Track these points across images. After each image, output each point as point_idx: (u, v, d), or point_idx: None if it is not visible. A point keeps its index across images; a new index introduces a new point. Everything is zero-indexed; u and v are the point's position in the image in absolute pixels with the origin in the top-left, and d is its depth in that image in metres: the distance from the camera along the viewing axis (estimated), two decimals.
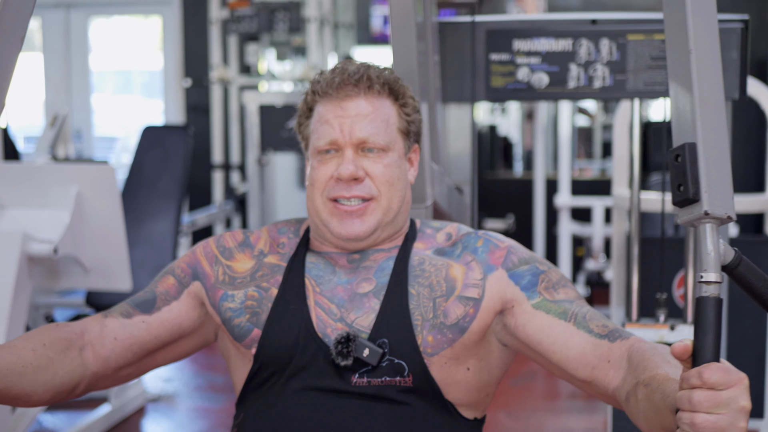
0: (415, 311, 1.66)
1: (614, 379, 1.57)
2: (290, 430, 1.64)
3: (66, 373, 1.65)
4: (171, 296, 1.77)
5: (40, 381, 1.61)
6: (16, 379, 1.57)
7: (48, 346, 1.64)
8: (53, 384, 1.63)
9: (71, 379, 1.67)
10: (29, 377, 1.59)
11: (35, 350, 1.61)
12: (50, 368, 1.63)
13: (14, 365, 1.57)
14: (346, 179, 1.67)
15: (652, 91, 2.54)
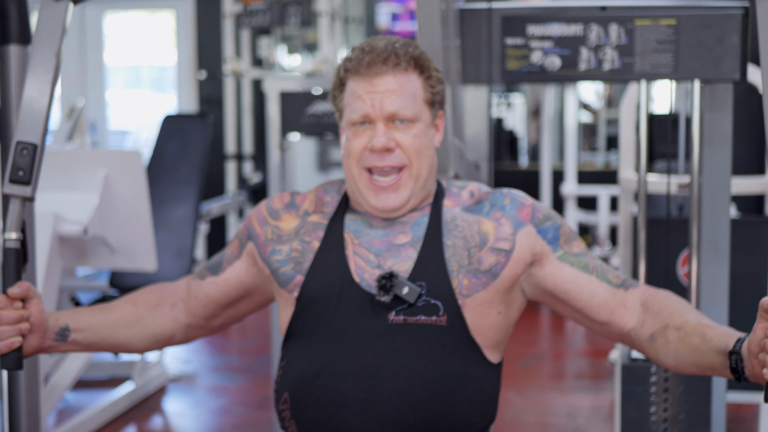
0: (451, 259, 1.84)
1: (629, 322, 1.86)
2: (330, 368, 1.81)
3: (157, 326, 1.99)
4: (234, 257, 2.01)
5: (131, 333, 1.96)
6: (108, 332, 1.95)
7: (138, 304, 1.99)
8: (145, 334, 1.98)
9: (164, 331, 2.00)
10: (121, 330, 1.96)
11: (125, 308, 1.97)
12: (140, 322, 1.97)
13: (106, 320, 1.95)
14: (379, 150, 1.84)
15: (658, 73, 2.70)
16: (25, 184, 1.83)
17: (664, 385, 2.75)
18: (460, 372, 1.82)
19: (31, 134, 1.85)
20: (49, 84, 1.89)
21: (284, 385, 1.88)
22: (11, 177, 1.84)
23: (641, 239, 2.88)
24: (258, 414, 4.63)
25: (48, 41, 1.90)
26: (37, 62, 1.90)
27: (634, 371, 2.78)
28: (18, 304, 1.80)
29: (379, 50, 1.85)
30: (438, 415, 1.80)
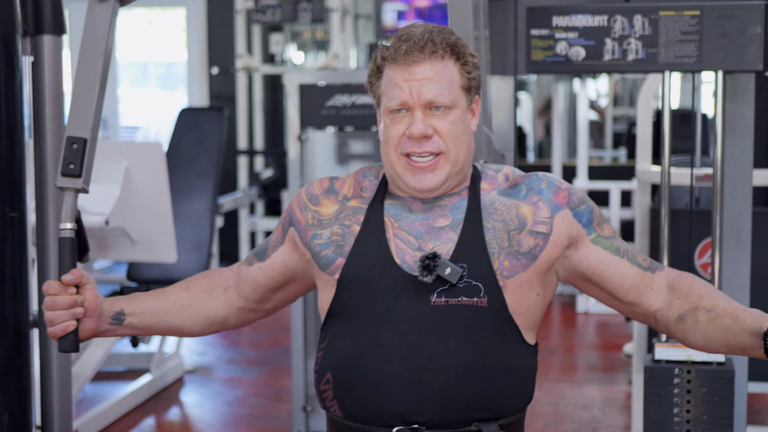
0: (492, 241, 1.87)
1: (656, 303, 1.93)
2: (374, 349, 1.84)
3: (209, 309, 2.04)
4: (278, 242, 2.04)
5: (185, 316, 2.02)
6: (162, 316, 2.00)
7: (192, 288, 2.04)
8: (199, 318, 2.03)
9: (217, 314, 2.05)
10: (174, 314, 2.01)
11: (179, 293, 2.03)
12: (193, 306, 2.02)
13: (160, 304, 2.01)
14: (417, 137, 1.87)
15: (682, 63, 2.75)
16: (76, 176, 1.95)
17: (687, 386, 2.79)
18: (500, 352, 1.85)
19: (80, 129, 1.97)
20: (97, 81, 1.99)
21: (326, 365, 1.91)
22: (63, 170, 1.95)
23: (664, 230, 2.91)
24: (275, 405, 4.67)
25: (96, 40, 2.01)
26: (86, 60, 2.01)
27: (658, 373, 2.82)
28: (72, 290, 1.89)
29: (415, 38, 1.87)
30: (479, 395, 1.83)
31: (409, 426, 1.82)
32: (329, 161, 4.17)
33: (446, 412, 1.82)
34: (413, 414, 1.82)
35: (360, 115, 4.05)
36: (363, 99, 4.04)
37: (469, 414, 1.83)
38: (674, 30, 2.74)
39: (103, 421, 4.36)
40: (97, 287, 1.96)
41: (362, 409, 1.85)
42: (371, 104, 4.02)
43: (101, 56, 2.01)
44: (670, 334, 1.94)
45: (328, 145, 4.17)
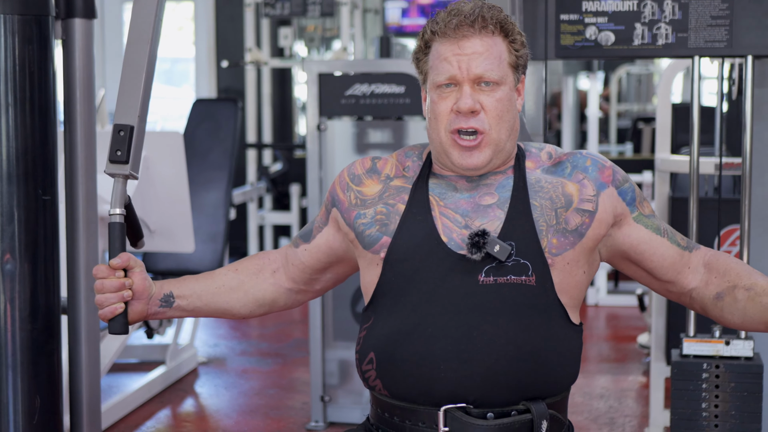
0: (540, 219, 1.87)
1: (692, 281, 1.95)
2: (422, 327, 1.84)
3: (258, 291, 2.06)
4: (323, 223, 2.05)
5: (234, 298, 2.05)
6: (210, 297, 2.03)
7: (240, 270, 2.07)
8: (247, 299, 2.06)
9: (265, 296, 2.07)
10: (223, 296, 2.04)
11: (227, 275, 2.06)
12: (241, 288, 2.05)
13: (209, 286, 2.04)
14: (465, 112, 1.87)
15: (712, 48, 2.74)
16: (123, 163, 1.97)
17: (715, 381, 2.79)
18: (548, 332, 1.85)
19: (127, 117, 2.00)
20: (144, 69, 2.02)
21: (369, 345, 1.91)
22: (111, 157, 1.98)
23: (692, 218, 2.91)
24: (291, 396, 4.67)
25: (143, 28, 2.04)
26: (133, 48, 2.04)
27: (686, 368, 2.82)
28: (120, 273, 1.92)
29: (466, 13, 1.87)
30: (528, 374, 1.83)
31: (457, 405, 1.83)
32: (347, 151, 4.17)
33: (494, 391, 1.82)
34: (461, 393, 1.82)
35: (379, 104, 4.05)
36: (382, 88, 4.04)
37: (517, 393, 1.84)
38: (704, 14, 2.74)
39: (120, 412, 4.35)
40: None
41: (409, 389, 1.85)
42: (390, 93, 4.03)
43: (148, 44, 2.03)
44: (705, 313, 1.95)
45: (347, 134, 4.17)
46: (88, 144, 2.67)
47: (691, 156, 2.85)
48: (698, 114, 2.86)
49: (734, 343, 2.83)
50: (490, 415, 1.82)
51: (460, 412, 1.82)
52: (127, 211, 2.01)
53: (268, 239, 7.82)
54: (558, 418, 1.88)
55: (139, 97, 2.01)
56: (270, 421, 4.33)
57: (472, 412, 1.82)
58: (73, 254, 2.69)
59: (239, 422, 4.34)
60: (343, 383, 4.24)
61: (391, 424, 1.89)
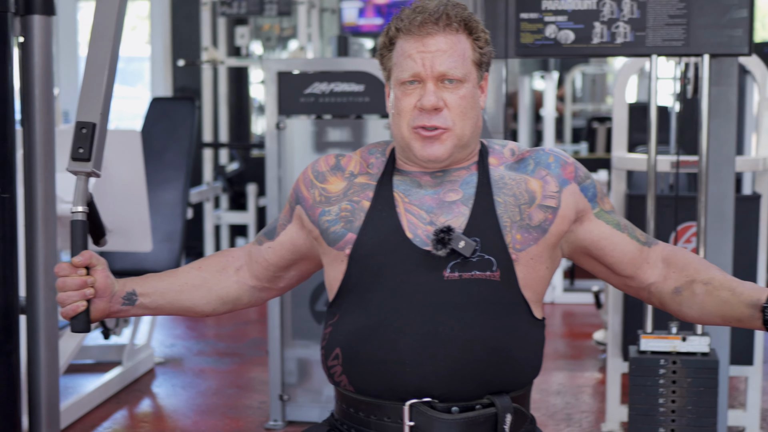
0: (503, 215, 1.88)
1: (651, 276, 1.97)
2: (387, 323, 1.84)
3: (221, 289, 2.06)
4: (287, 221, 2.05)
5: (197, 296, 2.04)
6: (174, 295, 2.03)
7: (204, 268, 2.07)
8: (211, 297, 2.05)
9: (229, 293, 2.07)
10: (186, 293, 2.03)
11: (190, 273, 2.06)
12: (205, 285, 2.05)
13: (172, 284, 2.03)
14: (428, 109, 1.88)
15: (670, 46, 2.78)
16: (86, 160, 1.97)
17: (672, 377, 2.83)
18: (512, 326, 1.87)
19: (90, 114, 2.00)
20: (106, 67, 2.03)
21: (335, 341, 1.91)
22: (73, 155, 1.98)
23: (650, 214, 2.94)
24: (249, 395, 4.65)
25: (105, 26, 2.04)
26: (96, 46, 2.04)
27: (644, 364, 2.85)
28: (82, 271, 1.92)
29: (430, 10, 1.88)
30: (492, 368, 1.84)
31: (423, 399, 1.83)
32: (307, 149, 4.17)
33: (459, 385, 1.84)
34: (427, 387, 1.83)
35: (338, 102, 4.05)
36: (341, 87, 4.04)
37: (481, 387, 1.85)
38: (662, 13, 2.77)
39: (76, 413, 4.31)
40: None
41: (375, 384, 1.86)
42: (350, 92, 4.03)
43: (110, 42, 2.03)
44: (663, 307, 1.98)
45: (306, 133, 4.17)
46: (47, 142, 2.64)
47: (649, 154, 2.88)
48: (656, 112, 2.89)
49: (690, 339, 2.87)
50: (455, 409, 1.83)
51: (426, 406, 1.83)
52: (90, 209, 2.00)
53: (225, 239, 7.79)
54: (521, 411, 1.89)
55: (101, 94, 2.01)
56: (228, 421, 4.31)
57: (437, 406, 1.83)
58: (32, 253, 2.66)
59: (197, 422, 4.32)
60: (301, 382, 4.23)
61: (357, 419, 1.90)
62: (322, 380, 4.21)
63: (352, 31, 8.90)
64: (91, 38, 2.06)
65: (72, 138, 1.99)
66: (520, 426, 1.90)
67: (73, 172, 1.98)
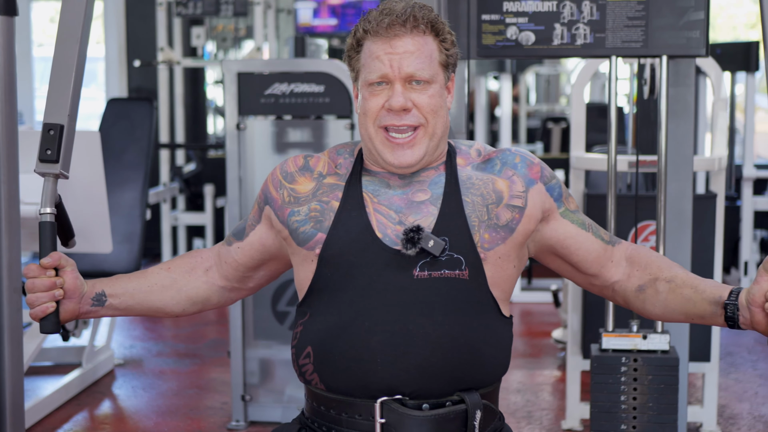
0: (472, 215, 1.91)
1: (615, 275, 2.01)
2: (359, 322, 1.87)
3: (191, 289, 2.08)
4: (255, 221, 2.07)
5: (167, 296, 2.06)
6: (144, 296, 2.04)
7: (173, 269, 2.08)
8: (180, 297, 2.07)
9: (198, 293, 2.09)
10: (156, 294, 2.05)
11: (160, 273, 2.07)
12: (174, 286, 2.06)
13: (142, 285, 2.05)
14: (397, 110, 1.89)
15: (629, 47, 2.82)
16: (53, 162, 1.99)
17: (633, 374, 2.88)
18: (481, 324, 1.90)
19: (57, 116, 2.01)
20: (73, 68, 2.03)
21: (307, 339, 1.93)
22: (41, 156, 1.99)
23: (610, 213, 2.99)
24: (210, 396, 4.65)
25: (72, 27, 2.05)
26: (62, 47, 2.04)
27: (605, 362, 2.90)
28: (51, 272, 1.93)
29: (397, 12, 1.90)
30: (462, 366, 1.88)
31: (394, 397, 1.86)
32: (267, 150, 4.17)
33: (430, 383, 1.86)
34: (398, 385, 1.86)
35: (299, 103, 4.06)
36: (302, 87, 4.05)
37: (451, 384, 1.88)
38: (621, 15, 2.82)
39: (36, 415, 4.29)
40: None
41: (346, 382, 1.88)
42: (310, 92, 4.05)
43: (77, 43, 2.04)
44: (627, 305, 2.01)
45: (266, 133, 4.17)
46: (10, 144, 2.63)
47: (610, 154, 2.92)
48: (615, 113, 2.93)
49: (651, 337, 2.92)
50: (426, 406, 1.86)
51: (397, 403, 1.85)
52: (58, 210, 2.01)
53: (182, 240, 7.76)
54: (491, 407, 1.93)
55: (68, 95, 2.02)
56: (190, 422, 4.31)
57: (408, 403, 1.86)
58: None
59: (159, 423, 4.31)
60: (263, 382, 4.24)
61: (328, 417, 1.92)
62: (284, 380, 4.22)
63: (306, 31, 8.91)
64: (57, 39, 2.06)
65: (39, 140, 1.99)
66: (490, 422, 1.93)
67: (40, 174, 1.99)
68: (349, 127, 4.07)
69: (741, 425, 4.25)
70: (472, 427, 1.88)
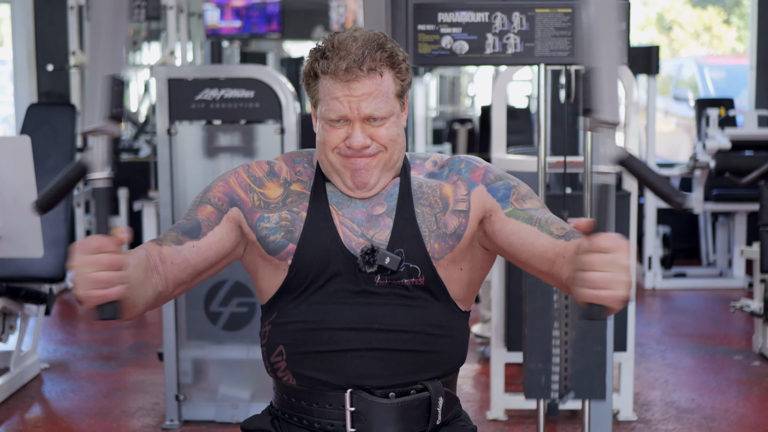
0: (422, 225, 2.03)
1: (567, 271, 1.94)
2: (328, 322, 2.00)
3: (148, 289, 1.90)
4: (213, 222, 2.04)
5: (141, 294, 1.86)
6: (131, 291, 1.79)
7: (139, 266, 1.87)
8: (145, 297, 1.89)
9: (151, 295, 1.91)
10: (136, 290, 1.83)
11: (136, 268, 1.85)
12: (144, 284, 1.87)
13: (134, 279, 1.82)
14: (358, 149, 1.99)
15: (556, 56, 3.00)
16: (119, 120, 1.74)
17: None
18: (439, 320, 2.04)
19: (117, 68, 1.74)
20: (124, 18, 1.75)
21: (278, 339, 2.04)
22: (110, 113, 1.71)
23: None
24: (141, 397, 4.71)
25: None
26: None
27: None
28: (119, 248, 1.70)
29: (354, 55, 1.96)
30: (424, 358, 2.02)
31: (363, 387, 1.99)
32: (197, 154, 4.26)
33: (395, 375, 2.00)
34: (366, 378, 1.99)
35: (228, 108, 4.16)
36: (232, 93, 4.15)
37: (415, 374, 2.02)
38: (549, 26, 2.99)
39: None
40: None
41: (318, 375, 2.01)
42: (240, 98, 4.15)
43: None
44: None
45: (197, 138, 4.26)
46: None
47: (539, 155, 3.10)
48: (546, 116, 3.11)
49: None
50: (392, 394, 2.00)
51: (365, 392, 1.99)
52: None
53: None
54: (451, 394, 2.08)
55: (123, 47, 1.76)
56: (123, 422, 4.37)
57: (376, 392, 1.99)
58: None
59: (92, 425, 4.36)
60: (196, 382, 4.32)
61: (299, 408, 2.04)
62: (217, 380, 4.31)
63: (213, 33, 8.97)
64: None
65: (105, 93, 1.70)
66: (451, 408, 2.08)
67: (100, 132, 1.73)
68: (279, 132, 4.18)
69: (655, 411, 4.48)
70: (435, 413, 2.02)
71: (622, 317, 4.18)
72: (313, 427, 2.03)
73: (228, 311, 4.29)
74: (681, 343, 5.74)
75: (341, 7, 10.10)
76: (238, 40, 9.32)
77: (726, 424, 4.33)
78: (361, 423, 2.00)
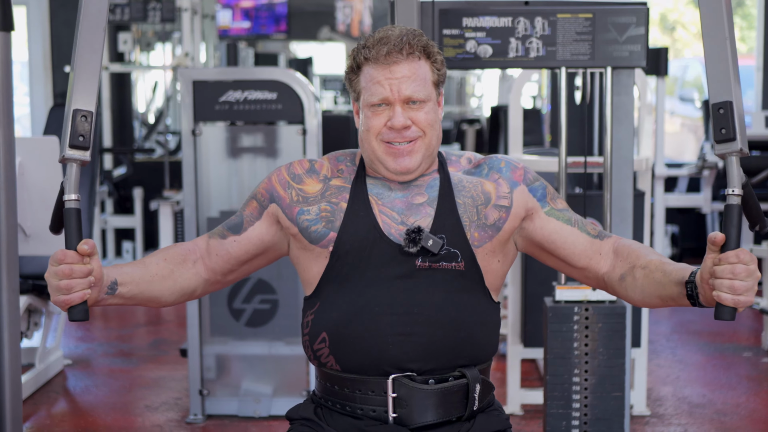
0: (464, 215, 2.15)
1: (603, 267, 2.21)
2: (369, 307, 2.10)
3: (184, 280, 2.19)
4: (254, 217, 2.24)
5: (165, 287, 2.16)
6: (146, 285, 2.12)
7: (169, 260, 2.18)
8: (176, 288, 2.18)
9: (189, 285, 2.21)
10: (156, 284, 2.14)
11: (159, 264, 2.16)
12: (171, 276, 2.17)
13: (145, 275, 2.13)
14: (399, 129, 2.13)
15: (577, 60, 3.10)
16: (85, 149, 1.98)
17: (585, 322, 3.15)
18: (476, 308, 2.15)
19: (87, 103, 1.99)
20: (99, 56, 2.05)
21: (320, 326, 2.15)
22: (72, 142, 1.97)
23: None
24: (163, 392, 4.81)
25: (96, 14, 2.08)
26: (87, 35, 2.06)
27: (559, 311, 3.16)
28: (86, 259, 1.96)
29: (394, 41, 2.12)
30: (461, 344, 2.12)
31: (404, 372, 2.10)
32: (221, 154, 4.36)
33: (434, 360, 2.10)
34: (406, 362, 2.09)
35: (252, 110, 4.26)
36: (255, 95, 4.25)
37: (452, 361, 2.12)
38: (570, 31, 3.09)
39: None
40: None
41: (360, 361, 2.11)
42: (263, 100, 4.25)
43: (101, 32, 2.06)
44: (617, 295, 2.20)
45: (220, 139, 4.36)
46: (8, 152, 2.80)
47: (560, 156, 3.20)
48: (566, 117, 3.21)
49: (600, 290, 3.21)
50: (432, 381, 2.11)
51: (406, 379, 2.09)
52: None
53: (110, 243, 7.87)
54: (487, 381, 2.18)
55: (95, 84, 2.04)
56: (148, 416, 4.47)
57: (416, 379, 2.10)
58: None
59: (117, 419, 4.46)
60: (220, 377, 4.43)
61: (342, 395, 2.14)
62: (240, 375, 4.42)
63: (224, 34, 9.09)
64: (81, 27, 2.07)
65: (70, 125, 1.98)
66: (487, 394, 2.19)
67: (68, 160, 1.98)
68: (301, 133, 4.28)
69: (667, 406, 4.59)
70: (473, 399, 2.13)
71: (636, 314, 4.28)
72: (355, 413, 2.13)
73: (251, 308, 4.40)
74: (691, 340, 5.84)
75: (347, 8, 10.21)
76: (246, 41, 9.44)
77: (737, 419, 4.43)
78: (402, 408, 2.10)
